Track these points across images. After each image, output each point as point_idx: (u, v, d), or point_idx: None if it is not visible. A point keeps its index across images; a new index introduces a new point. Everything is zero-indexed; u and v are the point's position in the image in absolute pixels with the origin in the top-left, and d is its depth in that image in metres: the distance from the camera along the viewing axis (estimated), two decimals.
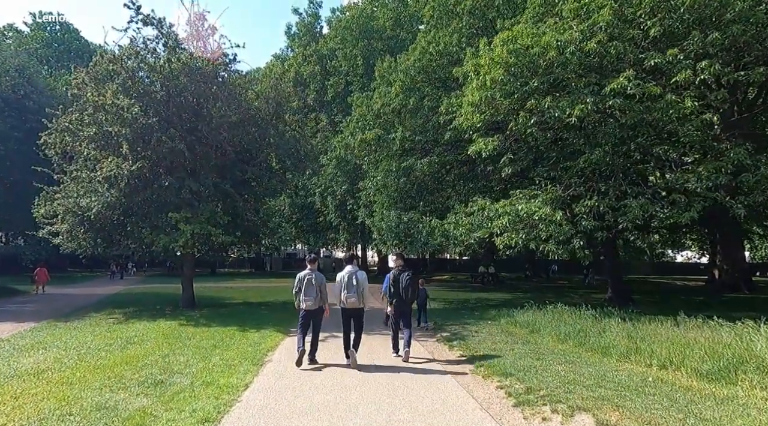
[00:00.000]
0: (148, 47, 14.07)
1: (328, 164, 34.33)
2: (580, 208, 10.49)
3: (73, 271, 41.08)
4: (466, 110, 11.47)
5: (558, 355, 7.58)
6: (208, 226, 13.66)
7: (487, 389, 5.95)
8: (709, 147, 10.47)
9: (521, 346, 8.44)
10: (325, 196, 35.07)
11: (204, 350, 8.42)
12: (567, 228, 10.28)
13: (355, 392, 5.79)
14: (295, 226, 37.61)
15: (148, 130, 13.07)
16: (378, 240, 18.52)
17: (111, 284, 28.59)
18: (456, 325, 11.36)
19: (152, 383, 6.13)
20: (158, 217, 13.90)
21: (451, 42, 15.20)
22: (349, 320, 7.42)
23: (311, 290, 7.21)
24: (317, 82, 40.25)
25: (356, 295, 7.18)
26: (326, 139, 34.85)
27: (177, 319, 12.77)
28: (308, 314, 7.38)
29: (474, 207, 12.91)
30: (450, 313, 14.44)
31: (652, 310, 13.34)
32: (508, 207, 11.12)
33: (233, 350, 8.49)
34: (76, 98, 13.97)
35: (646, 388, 5.45)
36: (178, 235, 13.29)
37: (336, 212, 34.14)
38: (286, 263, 49.96)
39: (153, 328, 10.97)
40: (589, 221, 10.51)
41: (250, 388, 5.99)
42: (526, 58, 10.16)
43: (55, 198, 13.85)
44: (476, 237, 12.82)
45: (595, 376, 6.13)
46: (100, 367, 7.08)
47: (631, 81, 9.07)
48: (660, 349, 6.80)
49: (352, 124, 18.87)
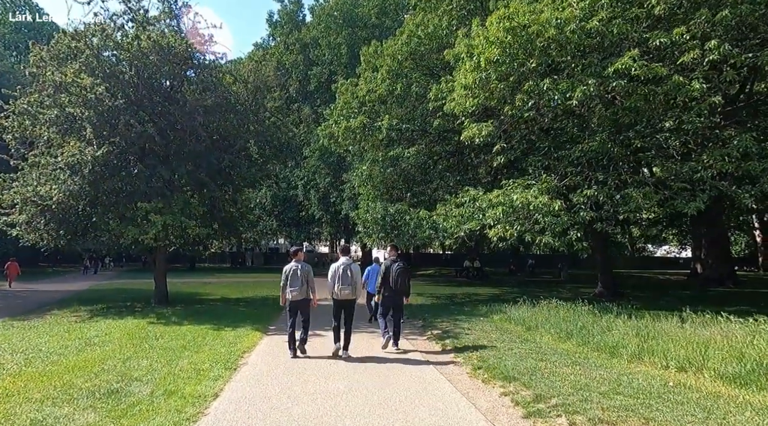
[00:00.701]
0: (115, 24, 12.99)
1: (311, 156, 33.40)
2: (578, 197, 9.90)
3: (45, 267, 39.44)
4: (459, 93, 10.75)
5: (562, 355, 6.95)
6: (182, 217, 12.73)
7: (490, 396, 5.28)
8: (712, 135, 9.98)
9: (520, 344, 7.81)
10: (307, 188, 34.14)
11: (171, 352, 7.58)
12: (565, 218, 9.68)
13: (341, 401, 5.06)
14: (276, 219, 36.58)
15: (114, 113, 12.07)
16: (363, 233, 17.75)
17: (83, 280, 27.31)
18: (446, 322, 10.71)
19: (105, 393, 5.29)
20: (127, 207, 12.89)
21: (440, 25, 14.45)
22: (340, 311, 7.42)
23: (297, 281, 7.22)
24: (300, 71, 39.14)
25: (350, 287, 7.23)
26: (309, 131, 33.93)
27: (147, 316, 11.85)
28: (295, 305, 7.36)
29: (465, 197, 12.24)
30: (439, 308, 13.79)
31: (644, 304, 12.91)
32: (502, 197, 10.47)
33: (204, 352, 7.67)
34: (35, 78, 12.83)
35: (670, 395, 4.83)
36: (149, 227, 12.33)
37: (319, 205, 33.26)
38: (268, 258, 48.83)
39: (118, 328, 10.06)
40: (587, 212, 9.93)
41: (219, 398, 5.21)
42: (523, 37, 9.48)
43: (12, 186, 12.72)
44: (467, 229, 12.16)
45: (609, 380, 5.50)
46: (48, 373, 6.20)
47: (636, 61, 8.47)
48: (675, 349, 6.22)
49: (336, 111, 18.00)
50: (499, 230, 10.35)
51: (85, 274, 32.16)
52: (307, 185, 34.10)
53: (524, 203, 9.97)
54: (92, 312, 12.99)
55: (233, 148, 14.33)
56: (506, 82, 10.15)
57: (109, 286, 22.70)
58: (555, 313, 10.16)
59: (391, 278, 7.69)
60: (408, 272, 7.94)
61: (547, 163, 11.90)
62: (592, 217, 9.95)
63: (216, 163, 13.73)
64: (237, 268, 40.90)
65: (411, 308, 13.98)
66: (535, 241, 10.13)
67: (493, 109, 11.53)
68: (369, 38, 32.05)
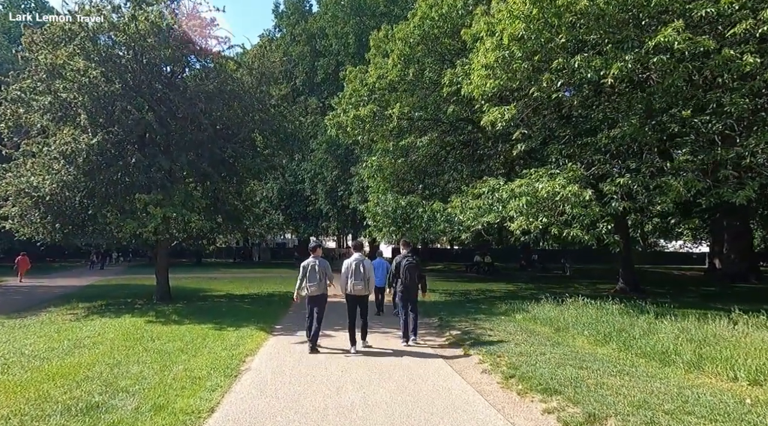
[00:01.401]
0: (111, 3, 12.25)
1: (318, 149, 32.66)
2: (609, 187, 9.05)
3: (52, 262, 39.15)
4: (478, 73, 9.90)
5: (603, 362, 6.15)
6: (183, 209, 12.03)
7: (530, 414, 4.51)
8: (757, 117, 9.08)
9: (552, 348, 7.02)
10: (315, 182, 33.44)
11: (166, 356, 6.87)
12: (597, 209, 8.84)
13: (356, 419, 4.32)
14: (283, 213, 35.92)
15: (110, 99, 11.37)
16: (372, 227, 16.99)
17: (89, 275, 26.81)
18: (465, 322, 9.93)
19: (83, 409, 4.58)
20: (125, 199, 12.20)
21: (456, 5, 13.57)
22: (355, 307, 7.54)
23: (315, 276, 7.34)
24: (306, 63, 38.36)
25: (363, 283, 7.28)
26: (316, 123, 33.20)
27: (146, 314, 11.18)
28: (313, 300, 7.47)
29: (483, 188, 11.43)
30: (454, 306, 13.02)
31: (672, 301, 12.04)
32: (526, 186, 9.65)
33: (203, 356, 6.96)
34: (28, 63, 12.14)
35: (754, 418, 4.03)
36: (148, 220, 11.65)
37: (326, 199, 32.54)
38: (275, 253, 48.34)
39: (113, 327, 9.38)
40: (619, 202, 9.09)
41: (216, 414, 4.49)
42: (551, 11, 8.62)
43: (5, 177, 12.08)
44: (485, 222, 11.36)
45: (670, 395, 4.70)
46: (24, 382, 5.50)
47: (681, 33, 7.60)
48: (740, 357, 5.41)
49: (344, 100, 17.20)
50: (522, 223, 9.53)
51: (92, 269, 31.76)
52: (314, 179, 33.39)
53: (551, 193, 9.14)
54: (90, 309, 12.36)
55: (237, 137, 13.59)
56: (531, 60, 9.29)
57: (114, 282, 22.17)
58: (583, 312, 9.36)
59: (402, 273, 7.88)
60: (418, 267, 8.03)
61: (572, 150, 11.04)
62: (624, 207, 9.10)
63: (219, 153, 12.99)
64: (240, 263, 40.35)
65: (425, 306, 13.24)
66: (562, 234, 9.32)
67: (515, 93, 10.69)
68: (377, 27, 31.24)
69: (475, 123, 16.83)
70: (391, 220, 15.52)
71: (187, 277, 25.32)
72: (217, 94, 13.18)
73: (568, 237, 9.26)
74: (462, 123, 17.07)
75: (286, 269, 31.96)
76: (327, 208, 32.75)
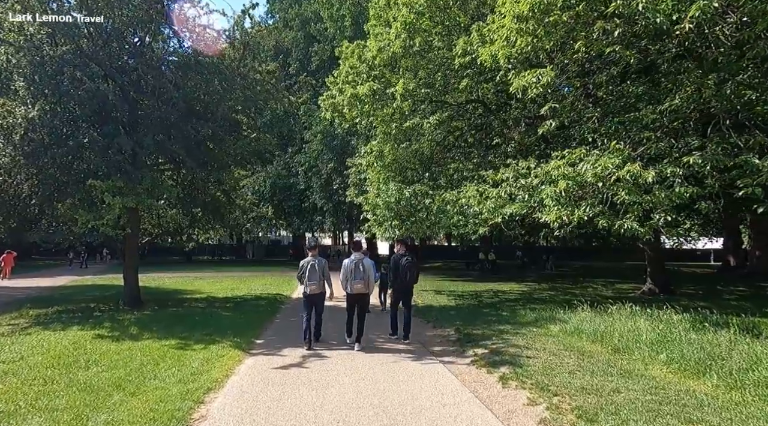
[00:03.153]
0: None
1: (312, 139, 30.69)
2: (672, 168, 7.19)
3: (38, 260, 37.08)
4: (509, 26, 7.96)
5: (719, 410, 4.27)
6: (149, 199, 10.10)
7: None
8: None
9: (625, 381, 5.14)
10: (309, 175, 31.46)
11: (93, 396, 4.95)
12: (662, 195, 6.97)
13: None
14: (276, 208, 33.93)
15: (57, 65, 9.38)
16: (372, 221, 15.10)
17: (69, 274, 24.80)
18: (491, 335, 8.04)
19: None
20: (79, 187, 10.23)
21: None
22: (354, 305, 7.55)
23: (315, 275, 7.31)
24: (300, 50, 36.34)
25: (362, 282, 7.31)
26: (310, 113, 31.26)
27: (100, 326, 9.23)
28: (311, 298, 7.42)
29: (506, 174, 9.52)
30: (469, 312, 11.14)
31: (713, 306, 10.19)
32: (565, 168, 7.76)
33: (145, 394, 5.04)
34: None
35: None
36: (105, 211, 9.72)
37: (321, 193, 30.58)
38: (269, 251, 46.39)
39: (48, 346, 7.42)
40: (685, 186, 7.23)
41: None
42: None
43: None
44: (508, 213, 9.47)
45: None
46: None
47: None
48: None
49: (340, 78, 15.23)
50: (561, 213, 7.65)
51: (72, 268, 29.77)
52: (309, 172, 31.43)
53: (600, 176, 7.26)
54: (39, 318, 10.41)
55: (215, 116, 11.60)
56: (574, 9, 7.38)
57: (89, 282, 20.19)
58: (638, 324, 7.51)
59: (401, 271, 7.79)
60: (416, 266, 7.99)
61: (612, 127, 9.15)
62: (692, 193, 7.23)
63: (193, 134, 11.02)
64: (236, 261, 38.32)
65: (433, 311, 11.37)
66: (613, 226, 7.45)
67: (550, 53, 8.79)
68: None
69: (486, 104, 14.96)
70: (394, 213, 13.61)
71: (172, 276, 23.42)
72: (192, 65, 11.23)
73: (619, 230, 7.39)
74: (472, 105, 15.17)
75: (280, 267, 30.07)
76: (322, 202, 30.80)
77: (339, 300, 9.26)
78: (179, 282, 20.25)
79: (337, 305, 9.88)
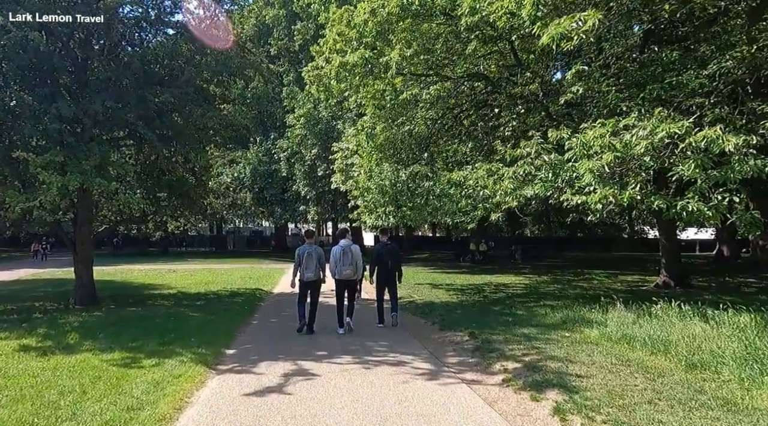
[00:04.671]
0: None
1: (295, 124, 28.81)
2: (746, 137, 5.76)
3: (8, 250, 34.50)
4: None
5: None
6: (97, 178, 8.33)
7: None
8: None
9: (737, 420, 3.67)
10: (292, 162, 29.59)
11: None
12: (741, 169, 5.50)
13: None
14: (257, 197, 31.98)
15: None
16: (362, 208, 13.56)
17: (29, 267, 22.62)
18: (516, 343, 6.54)
19: None
20: (5, 161, 8.39)
21: None
22: (344, 290, 7.70)
23: (312, 263, 7.42)
24: (282, 28, 34.19)
25: (351, 267, 7.52)
26: (293, 96, 29.41)
27: (32, 333, 7.47)
28: (308, 286, 7.54)
29: (527, 147, 7.98)
30: (478, 311, 9.65)
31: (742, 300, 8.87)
32: (609, 138, 6.26)
33: None
34: None
35: None
36: (42, 191, 7.93)
37: (305, 180, 28.77)
38: (250, 241, 44.41)
39: None
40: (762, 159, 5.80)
41: None
42: None
43: None
44: (529, 195, 7.97)
45: None
46: None
47: None
48: None
49: (326, 46, 13.48)
50: (606, 193, 6.16)
51: (35, 260, 27.54)
52: (292, 158, 29.58)
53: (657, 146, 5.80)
54: None
55: (178, 81, 9.77)
56: None
57: (46, 276, 18.21)
58: (698, 328, 6.11)
59: (384, 258, 7.99)
60: (398, 253, 8.35)
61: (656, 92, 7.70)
62: None
63: (152, 101, 9.22)
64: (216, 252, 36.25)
65: (437, 309, 9.86)
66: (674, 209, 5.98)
67: None
68: None
69: (489, 79, 13.40)
70: (389, 198, 12.05)
71: (143, 268, 21.56)
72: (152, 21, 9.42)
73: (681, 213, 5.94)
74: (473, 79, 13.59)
75: (260, 259, 28.33)
76: (305, 190, 29.00)
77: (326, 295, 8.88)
78: (150, 275, 18.41)
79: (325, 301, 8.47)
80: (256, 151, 31.58)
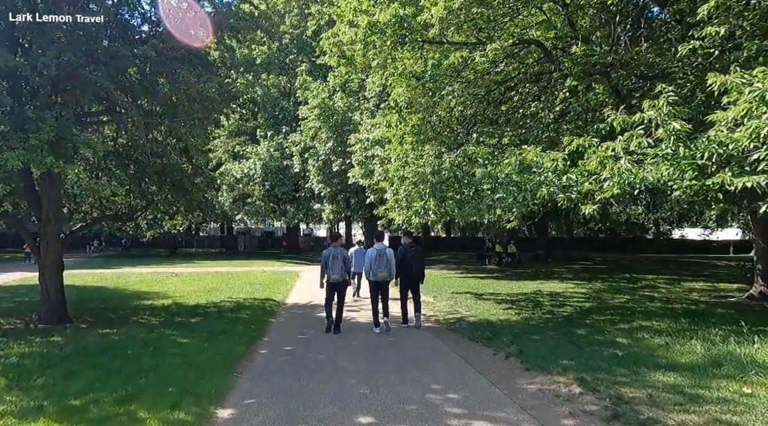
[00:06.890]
0: None
1: (308, 115, 26.54)
2: None
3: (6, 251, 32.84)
4: None
5: None
6: (49, 157, 6.07)
7: None
8: None
9: None
10: (305, 157, 27.28)
11: None
12: None
13: None
14: (268, 195, 29.70)
15: None
16: (392, 203, 11.22)
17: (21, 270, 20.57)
18: (676, 405, 4.11)
19: None
20: None
21: None
22: (378, 291, 7.90)
23: (337, 265, 7.59)
24: (295, 15, 32.01)
25: (386, 269, 7.80)
26: (307, 88, 27.27)
27: None
28: (335, 286, 7.72)
29: (650, 112, 5.55)
30: (561, 337, 7.18)
31: None
32: None
33: None
34: None
35: None
36: None
37: (319, 176, 26.45)
38: (262, 243, 42.29)
39: None
40: None
41: None
42: None
43: None
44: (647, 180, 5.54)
45: None
46: None
47: None
48: None
49: (350, 6, 11.11)
50: None
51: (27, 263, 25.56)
52: (305, 153, 27.30)
53: None
54: None
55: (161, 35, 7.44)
56: None
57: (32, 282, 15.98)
58: None
59: (407, 263, 8.08)
60: (422, 256, 8.50)
61: None
62: None
63: (126, 59, 6.93)
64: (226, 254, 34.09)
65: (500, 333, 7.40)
66: None
67: None
68: None
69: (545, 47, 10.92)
70: (430, 190, 9.62)
71: (145, 272, 19.53)
72: None
73: None
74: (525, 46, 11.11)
75: (273, 261, 26.18)
76: (320, 186, 26.68)
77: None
78: (148, 280, 16.25)
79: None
80: (268, 146, 29.42)
